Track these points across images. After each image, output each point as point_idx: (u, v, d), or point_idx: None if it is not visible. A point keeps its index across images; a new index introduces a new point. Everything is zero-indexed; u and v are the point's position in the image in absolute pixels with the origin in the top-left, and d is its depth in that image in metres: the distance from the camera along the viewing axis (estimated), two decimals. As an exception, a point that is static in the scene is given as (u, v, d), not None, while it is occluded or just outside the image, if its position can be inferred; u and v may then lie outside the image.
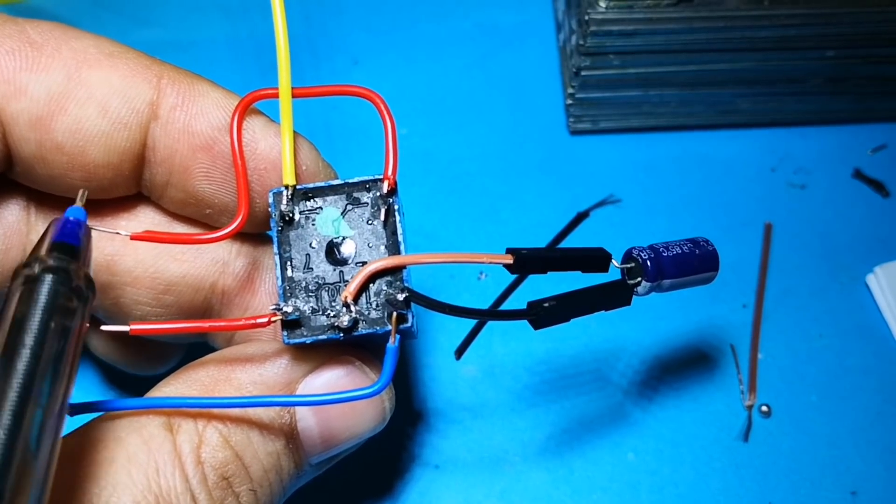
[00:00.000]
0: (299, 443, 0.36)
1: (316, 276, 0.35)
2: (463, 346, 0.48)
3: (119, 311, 0.40)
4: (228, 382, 0.35)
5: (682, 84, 0.60)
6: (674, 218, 0.59)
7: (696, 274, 0.38)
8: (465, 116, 0.64)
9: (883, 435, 0.52)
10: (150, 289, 0.39)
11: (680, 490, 0.50)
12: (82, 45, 0.35)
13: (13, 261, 0.39)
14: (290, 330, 0.34)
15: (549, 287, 0.36)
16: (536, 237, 0.58)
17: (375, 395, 0.32)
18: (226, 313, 0.41)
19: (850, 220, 0.60)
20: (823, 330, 0.55)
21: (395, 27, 0.67)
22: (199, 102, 0.36)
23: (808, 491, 0.50)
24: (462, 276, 0.57)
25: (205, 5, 0.67)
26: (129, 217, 0.40)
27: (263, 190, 0.37)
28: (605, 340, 0.55)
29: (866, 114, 0.63)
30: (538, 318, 0.34)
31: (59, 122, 0.35)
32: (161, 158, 0.37)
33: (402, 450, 0.51)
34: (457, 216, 0.59)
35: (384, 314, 0.34)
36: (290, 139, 0.35)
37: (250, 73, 0.64)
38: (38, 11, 0.66)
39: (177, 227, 0.40)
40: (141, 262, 0.39)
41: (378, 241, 0.35)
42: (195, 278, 0.39)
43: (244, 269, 0.40)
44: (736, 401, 0.53)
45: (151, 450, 0.32)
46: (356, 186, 0.35)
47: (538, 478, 0.51)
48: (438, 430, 0.52)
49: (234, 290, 0.40)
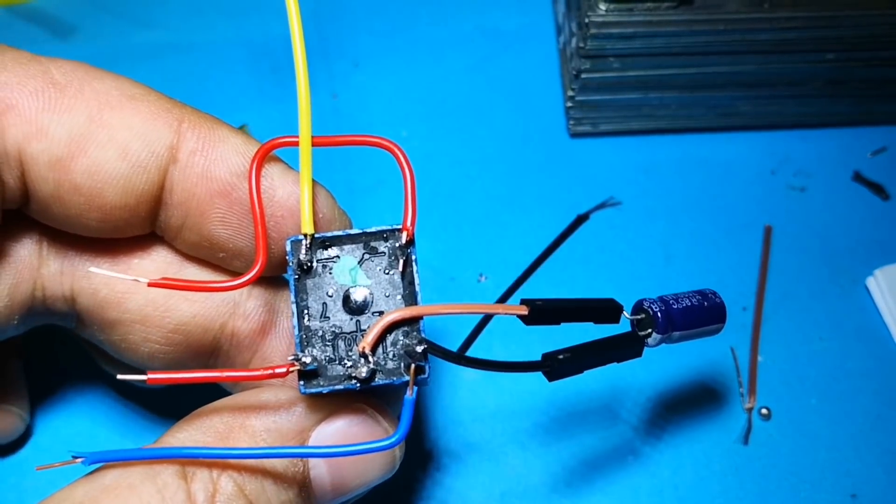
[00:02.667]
0: (311, 491, 0.36)
1: (333, 326, 0.35)
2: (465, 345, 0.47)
3: (127, 347, 0.40)
4: (243, 429, 0.35)
5: (682, 87, 0.60)
6: (674, 221, 0.59)
7: (704, 326, 0.38)
8: (465, 119, 0.64)
9: (883, 438, 0.52)
10: (159, 327, 0.39)
11: (680, 492, 0.50)
12: (105, 86, 0.35)
13: (23, 295, 0.39)
14: (306, 380, 0.34)
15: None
16: (536, 239, 0.57)
17: (392, 447, 0.32)
18: (235, 354, 0.41)
19: (850, 222, 0.60)
20: (823, 333, 0.55)
21: (395, 30, 0.67)
22: (218, 148, 0.37)
23: (807, 494, 0.50)
24: (462, 277, 0.57)
25: (205, 8, 0.67)
26: (143, 256, 0.40)
27: (279, 237, 0.37)
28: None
29: (866, 116, 0.63)
30: (552, 371, 0.34)
31: (79, 163, 0.35)
32: (178, 201, 0.37)
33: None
34: (457, 218, 0.59)
35: (401, 365, 0.34)
36: (308, 188, 0.35)
37: (250, 75, 0.64)
38: (40, 13, 0.66)
39: (189, 266, 0.40)
40: (152, 301, 0.39)
41: (395, 290, 0.35)
42: (206, 319, 0.39)
43: (255, 310, 0.40)
44: (736, 403, 0.53)
45: (165, 499, 0.31)
46: (374, 236, 0.35)
47: (535, 476, 0.51)
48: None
49: (244, 332, 0.40)
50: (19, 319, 0.39)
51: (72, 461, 0.31)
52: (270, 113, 0.62)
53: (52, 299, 0.39)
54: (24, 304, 0.39)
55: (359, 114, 0.64)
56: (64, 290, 0.39)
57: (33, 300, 0.39)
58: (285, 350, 0.40)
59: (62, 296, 0.39)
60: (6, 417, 0.48)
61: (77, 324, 0.41)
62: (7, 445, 0.49)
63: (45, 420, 0.51)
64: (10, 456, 0.50)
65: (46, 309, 0.40)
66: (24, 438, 0.50)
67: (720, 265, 0.58)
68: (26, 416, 0.49)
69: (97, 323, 0.40)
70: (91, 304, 0.39)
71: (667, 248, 0.58)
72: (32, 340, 0.47)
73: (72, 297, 0.39)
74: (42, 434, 0.50)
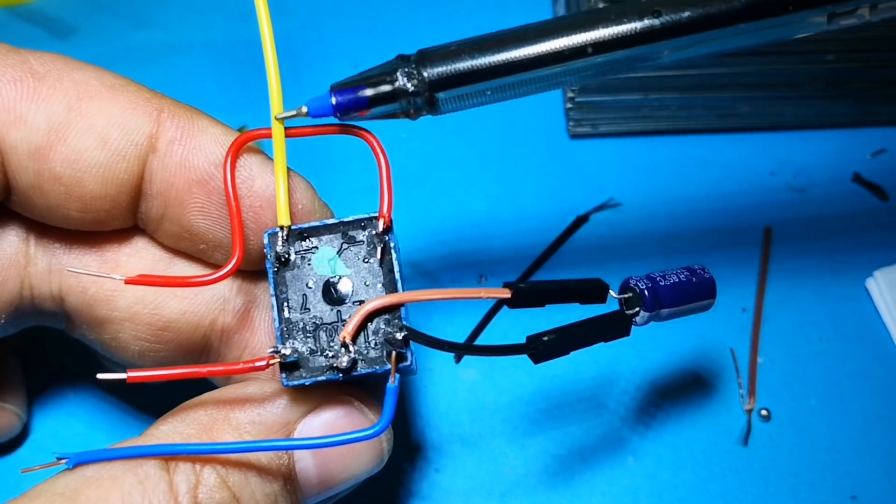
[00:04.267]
0: (297, 484, 0.36)
1: (313, 317, 0.35)
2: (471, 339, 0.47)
3: (118, 345, 0.40)
4: (227, 422, 0.35)
5: (682, 88, 0.60)
6: (673, 222, 0.59)
7: (693, 302, 0.38)
8: (464, 119, 0.63)
9: (883, 439, 0.52)
10: (149, 325, 0.39)
11: (679, 494, 0.50)
12: (84, 76, 0.36)
13: (10, 293, 0.39)
14: (288, 372, 0.34)
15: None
16: (536, 240, 0.58)
17: (375, 437, 0.32)
18: (224, 350, 0.41)
19: (850, 223, 0.60)
20: (823, 334, 0.55)
21: (394, 30, 0.67)
22: (197, 137, 0.37)
23: (807, 495, 0.50)
24: (462, 278, 0.57)
25: (204, 8, 0.67)
26: (130, 252, 0.40)
27: (259, 227, 0.37)
28: (603, 346, 0.54)
29: (866, 118, 0.63)
30: (537, 353, 0.34)
31: (58, 152, 0.35)
32: (157, 191, 0.37)
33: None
34: (457, 219, 0.59)
35: (383, 353, 0.34)
36: (283, 179, 0.36)
37: (250, 76, 0.64)
38: (38, 14, 0.66)
39: (178, 262, 0.40)
40: (141, 298, 0.39)
41: (375, 279, 0.35)
42: (195, 315, 0.39)
43: (243, 306, 0.40)
44: (735, 405, 0.53)
45: (147, 490, 0.31)
46: (351, 225, 0.36)
47: (531, 473, 0.50)
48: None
49: (234, 328, 0.40)
50: (7, 319, 0.39)
51: (56, 462, 0.31)
52: (270, 114, 0.62)
53: (40, 298, 0.39)
54: (11, 302, 0.39)
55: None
56: (52, 288, 0.39)
57: (21, 299, 0.39)
58: (273, 344, 0.41)
59: (50, 295, 0.39)
60: (3, 415, 0.48)
61: (67, 324, 0.41)
62: (4, 444, 0.49)
63: (43, 419, 0.51)
64: (7, 455, 0.50)
65: (35, 308, 0.40)
66: (22, 437, 0.50)
67: (720, 266, 0.57)
68: (23, 414, 0.49)
69: (87, 322, 0.40)
70: (80, 303, 0.39)
71: (666, 250, 0.58)
72: (29, 340, 0.47)
73: (60, 295, 0.39)
74: (40, 433, 0.50)
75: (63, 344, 0.49)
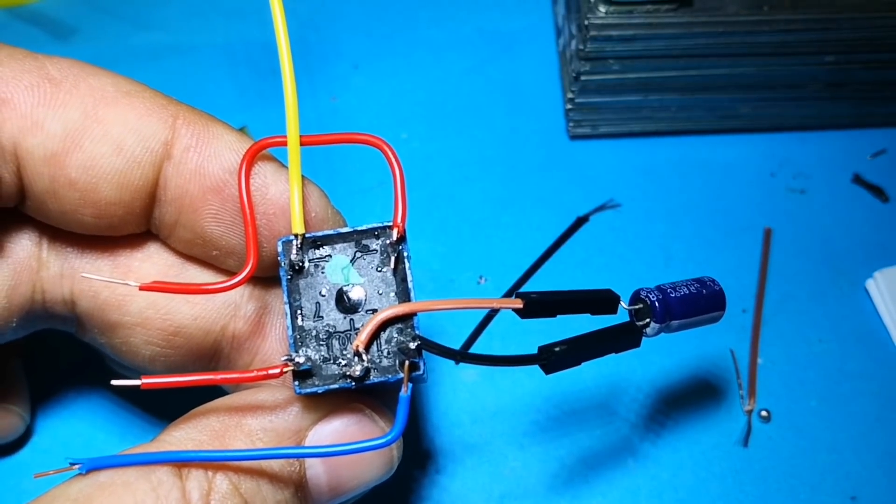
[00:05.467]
0: (307, 491, 0.36)
1: (326, 325, 0.35)
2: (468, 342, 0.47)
3: (128, 350, 0.40)
4: (239, 429, 0.35)
5: (682, 89, 0.60)
6: (674, 223, 0.59)
7: (703, 314, 0.38)
8: (465, 121, 0.64)
9: (882, 440, 0.52)
10: (160, 330, 0.39)
11: (679, 495, 0.50)
12: (100, 82, 0.35)
13: (22, 297, 0.38)
14: (301, 380, 0.33)
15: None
16: (536, 241, 0.58)
17: (388, 446, 0.32)
18: (235, 356, 0.41)
19: (850, 224, 0.60)
20: (823, 335, 0.55)
21: (395, 31, 0.67)
22: (212, 144, 0.37)
23: (807, 496, 0.50)
24: (462, 280, 0.57)
25: (205, 9, 0.67)
26: (143, 257, 0.39)
27: (272, 235, 0.37)
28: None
29: (866, 119, 0.63)
30: (549, 364, 0.34)
31: (74, 158, 0.35)
32: (172, 197, 0.37)
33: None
34: (457, 220, 0.59)
35: (396, 362, 0.34)
36: (298, 188, 0.35)
37: (250, 76, 0.64)
38: (39, 15, 0.66)
39: (190, 268, 0.40)
40: (153, 303, 0.39)
41: (388, 288, 0.35)
42: (206, 321, 0.39)
43: (255, 312, 0.40)
44: (735, 406, 0.53)
45: (160, 496, 0.31)
46: (365, 234, 0.35)
47: (535, 477, 0.50)
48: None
49: (245, 334, 0.40)
50: (18, 322, 0.39)
51: (69, 468, 0.31)
52: (271, 114, 0.62)
53: (51, 302, 0.39)
54: (22, 306, 0.39)
55: (358, 116, 0.64)
56: (64, 292, 0.39)
57: (32, 303, 0.39)
58: (285, 351, 0.40)
59: (62, 299, 0.39)
60: (6, 417, 0.48)
61: (77, 328, 0.41)
62: (7, 445, 0.49)
63: (46, 421, 0.51)
64: (10, 457, 0.50)
65: (46, 312, 0.40)
66: (25, 439, 0.50)
67: (720, 267, 0.58)
68: (27, 415, 0.49)
69: (98, 326, 0.40)
70: (92, 307, 0.39)
71: (667, 251, 0.58)
72: (33, 342, 0.47)
73: (72, 299, 0.39)
74: (42, 435, 0.50)
75: (66, 346, 0.49)
